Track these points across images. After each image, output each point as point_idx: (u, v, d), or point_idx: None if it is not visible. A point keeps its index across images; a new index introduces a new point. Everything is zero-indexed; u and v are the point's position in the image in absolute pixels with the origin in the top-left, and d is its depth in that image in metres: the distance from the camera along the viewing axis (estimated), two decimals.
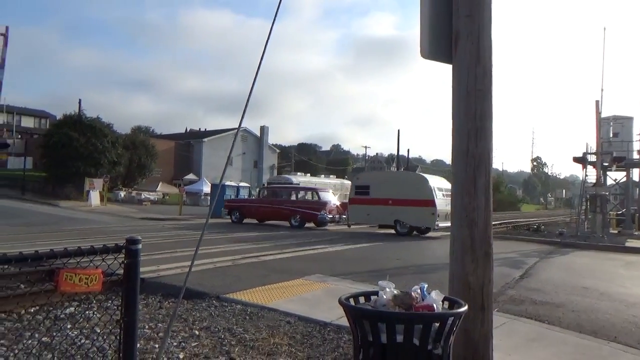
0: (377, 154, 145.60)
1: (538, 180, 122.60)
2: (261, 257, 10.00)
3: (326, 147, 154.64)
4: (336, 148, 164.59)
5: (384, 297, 2.53)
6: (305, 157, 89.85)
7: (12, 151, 47.42)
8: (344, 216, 19.33)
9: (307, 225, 19.65)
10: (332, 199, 21.14)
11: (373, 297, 2.65)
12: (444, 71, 3.55)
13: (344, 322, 2.90)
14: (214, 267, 8.36)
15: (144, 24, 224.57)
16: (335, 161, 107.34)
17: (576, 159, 21.44)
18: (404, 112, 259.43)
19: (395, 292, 2.55)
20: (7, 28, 18.95)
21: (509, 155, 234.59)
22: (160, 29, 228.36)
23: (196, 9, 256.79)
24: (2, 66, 18.78)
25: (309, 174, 43.71)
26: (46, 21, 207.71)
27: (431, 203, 16.23)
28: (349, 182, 47.39)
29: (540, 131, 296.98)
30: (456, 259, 3.40)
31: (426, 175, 18.22)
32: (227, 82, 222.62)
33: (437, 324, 2.37)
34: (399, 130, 51.34)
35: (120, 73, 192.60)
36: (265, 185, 40.97)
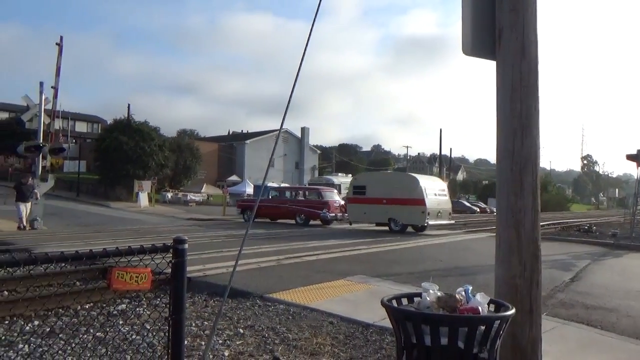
0: (418, 153, 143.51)
1: (588, 180, 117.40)
2: (305, 257, 10.07)
3: (367, 148, 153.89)
4: (377, 148, 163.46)
5: (428, 298, 2.50)
6: (346, 157, 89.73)
7: (67, 155, 49.87)
8: (347, 215, 20.06)
9: (314, 223, 20.76)
10: (335, 198, 21.85)
11: (416, 299, 2.62)
12: (488, 68, 3.47)
13: (387, 323, 2.88)
14: (257, 267, 8.49)
15: (187, 29, 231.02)
16: (376, 162, 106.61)
17: (630, 157, 20.34)
18: (447, 111, 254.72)
19: (439, 294, 2.51)
20: (61, 38, 19.95)
21: (557, 153, 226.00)
22: (203, 34, 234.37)
23: (237, 13, 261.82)
24: (58, 73, 19.79)
25: (350, 175, 43.61)
26: (96, 30, 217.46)
27: (421, 202, 17.07)
28: None
29: (590, 128, 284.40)
30: (502, 261, 3.31)
31: (417, 176, 18.98)
32: (268, 84, 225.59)
33: (482, 327, 2.32)
34: (440, 130, 50.43)
35: (165, 78, 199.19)
36: (307, 186, 41.31)
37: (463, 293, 2.51)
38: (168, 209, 33.15)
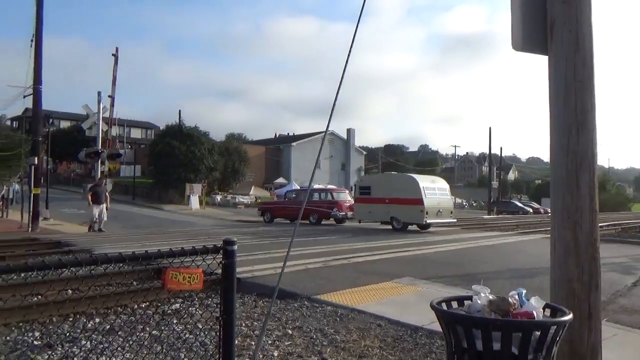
0: (467, 153, 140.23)
1: None
2: (351, 259, 10.06)
3: (413, 148, 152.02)
4: (424, 148, 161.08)
5: (479, 302, 2.44)
6: (392, 158, 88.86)
7: (123, 160, 52.22)
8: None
9: (326, 222, 22.12)
10: (346, 198, 22.93)
11: (467, 302, 2.56)
12: (539, 63, 3.34)
13: (437, 327, 2.84)
14: (304, 269, 8.55)
15: (233, 36, 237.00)
16: (423, 162, 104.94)
17: None
18: (496, 109, 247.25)
19: (490, 297, 2.44)
20: (117, 49, 20.98)
21: (616, 150, 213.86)
22: (248, 40, 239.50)
23: (281, 18, 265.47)
24: (114, 83, 20.81)
25: None
26: (148, 41, 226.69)
27: (420, 201, 18.02)
28: None
29: None
30: (558, 264, 3.17)
31: (415, 176, 19.97)
32: (312, 87, 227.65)
33: (538, 333, 2.23)
34: (490, 128, 48.74)
35: (214, 84, 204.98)
36: (353, 187, 41.18)
37: (516, 297, 2.43)
38: (218, 211, 34.03)
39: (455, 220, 20.80)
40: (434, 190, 19.10)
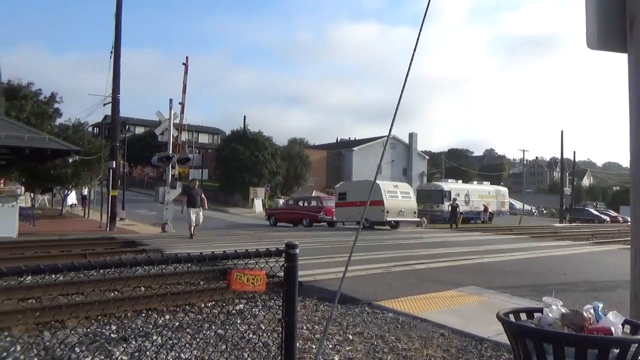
0: (536, 157, 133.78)
1: None
2: (413, 265, 9.89)
3: (478, 152, 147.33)
4: (489, 153, 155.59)
5: (550, 315, 2.32)
6: (456, 163, 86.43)
7: (192, 164, 54.58)
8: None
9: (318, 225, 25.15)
10: (332, 204, 25.70)
11: (537, 315, 2.44)
12: (617, 62, 3.13)
13: (504, 339, 2.72)
14: (366, 274, 8.51)
15: (296, 43, 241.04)
16: (489, 166, 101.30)
17: None
18: (568, 111, 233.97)
19: (563, 310, 2.31)
20: (187, 58, 21.97)
21: None
22: (310, 46, 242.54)
23: (343, 23, 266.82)
24: (184, 90, 21.79)
25: (460, 181, 41.85)
26: (215, 50, 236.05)
27: (382, 203, 21.69)
28: (505, 189, 44.33)
29: None
30: (639, 277, 2.94)
31: (379, 182, 23.16)
32: (373, 91, 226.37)
33: (616, 351, 2.09)
34: (562, 131, 46.18)
35: (277, 90, 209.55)
36: (415, 192, 40.61)
37: (592, 311, 2.28)
38: None
39: (418, 219, 25.02)
40: (396, 193, 23.11)
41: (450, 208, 29.63)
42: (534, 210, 68.51)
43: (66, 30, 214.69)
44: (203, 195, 16.32)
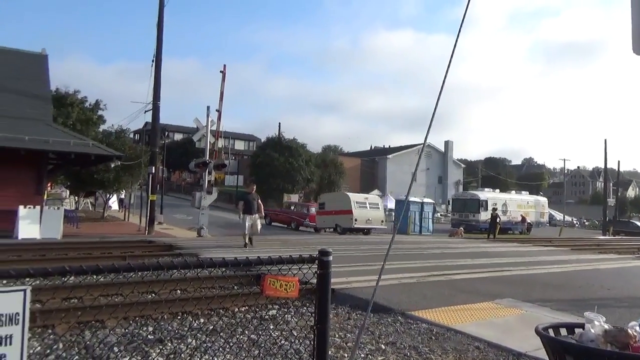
0: (578, 167, 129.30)
1: None
2: (447, 275, 9.71)
3: (517, 161, 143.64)
4: (528, 162, 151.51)
5: (592, 331, 2.23)
6: (493, 171, 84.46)
7: (227, 170, 55.50)
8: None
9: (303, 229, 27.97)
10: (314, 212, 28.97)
11: (578, 330, 2.36)
12: None
13: (542, 354, 2.63)
14: (399, 283, 8.41)
15: (331, 52, 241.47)
16: (528, 176, 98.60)
17: None
18: (612, 119, 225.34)
19: (606, 326, 2.22)
20: (224, 66, 22.45)
21: None
22: (345, 55, 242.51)
23: (378, 31, 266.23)
24: (221, 98, 22.25)
25: (497, 190, 40.83)
26: (252, 58, 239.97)
27: (350, 212, 25.37)
28: (545, 200, 42.99)
29: None
30: None
31: (349, 194, 27.63)
32: (407, 99, 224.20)
33: None
34: (605, 140, 44.34)
35: (312, 97, 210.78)
36: (450, 201, 40.06)
37: (637, 328, 2.19)
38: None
39: (385, 227, 27.28)
40: (365, 204, 26.54)
41: (490, 218, 28.96)
42: (575, 222, 66.12)
43: (111, 42, 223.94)
44: (260, 201, 14.79)
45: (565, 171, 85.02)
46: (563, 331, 2.42)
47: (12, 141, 14.34)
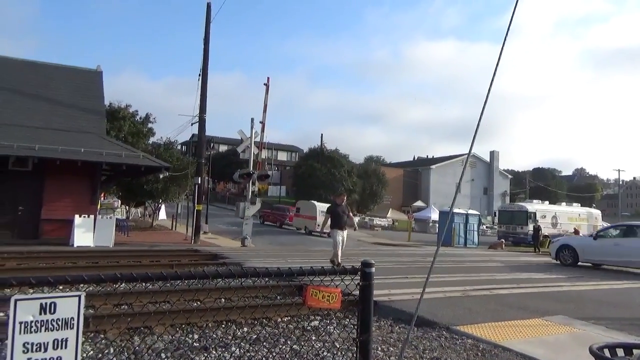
0: (634, 178, 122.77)
1: None
2: (494, 290, 9.41)
3: (567, 172, 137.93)
4: (580, 172, 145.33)
5: None
6: (542, 183, 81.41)
7: (271, 181, 56.24)
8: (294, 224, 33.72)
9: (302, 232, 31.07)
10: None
11: (636, 351, 2.24)
12: None
13: None
14: (444, 297, 8.23)
15: (373, 63, 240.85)
16: (579, 187, 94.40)
17: None
18: None
19: None
20: (268, 78, 22.92)
21: None
22: (387, 66, 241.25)
23: (419, 42, 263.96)
24: (265, 110, 22.66)
25: (547, 202, 39.28)
26: (294, 71, 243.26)
27: (315, 218, 29.25)
28: (598, 212, 40.97)
29: None
30: None
31: (315, 203, 31.95)
32: (450, 109, 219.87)
33: None
34: None
35: (354, 109, 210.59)
36: (496, 212, 39.06)
37: None
38: (355, 233, 34.31)
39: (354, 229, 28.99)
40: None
41: (532, 230, 27.90)
42: None
43: (161, 58, 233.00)
44: (350, 213, 12.83)
45: (620, 182, 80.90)
46: (620, 352, 2.30)
47: (70, 153, 15.14)
